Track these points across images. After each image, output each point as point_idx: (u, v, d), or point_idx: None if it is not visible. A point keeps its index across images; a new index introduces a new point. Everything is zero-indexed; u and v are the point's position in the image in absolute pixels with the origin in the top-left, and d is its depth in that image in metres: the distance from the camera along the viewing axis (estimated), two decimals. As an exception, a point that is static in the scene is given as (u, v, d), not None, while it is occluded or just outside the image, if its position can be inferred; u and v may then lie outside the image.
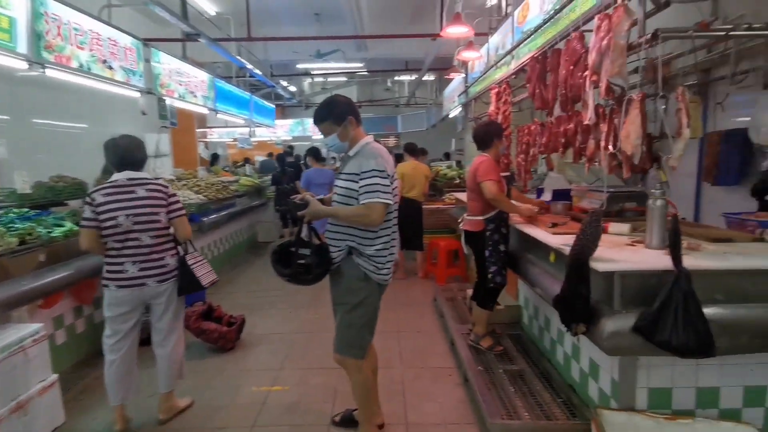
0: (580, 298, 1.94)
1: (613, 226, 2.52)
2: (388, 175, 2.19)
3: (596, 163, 2.44)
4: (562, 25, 2.89)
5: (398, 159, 7.57)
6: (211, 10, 7.67)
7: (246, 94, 8.37)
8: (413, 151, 5.83)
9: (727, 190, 3.58)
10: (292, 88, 12.15)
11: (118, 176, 2.46)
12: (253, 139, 12.68)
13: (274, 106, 10.53)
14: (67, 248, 3.25)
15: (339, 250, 2.25)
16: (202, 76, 6.26)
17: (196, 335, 3.64)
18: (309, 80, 14.67)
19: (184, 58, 5.94)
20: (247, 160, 12.06)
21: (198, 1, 7.24)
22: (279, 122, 13.27)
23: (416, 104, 14.52)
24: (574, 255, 1.95)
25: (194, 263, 2.64)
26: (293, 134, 13.66)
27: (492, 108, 4.37)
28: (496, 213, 3.12)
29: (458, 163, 9.64)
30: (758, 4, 2.88)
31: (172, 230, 2.60)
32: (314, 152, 5.78)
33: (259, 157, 12.89)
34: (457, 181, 7.44)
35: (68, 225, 3.33)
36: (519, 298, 3.78)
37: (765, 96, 3.00)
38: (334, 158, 9.85)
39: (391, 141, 14.82)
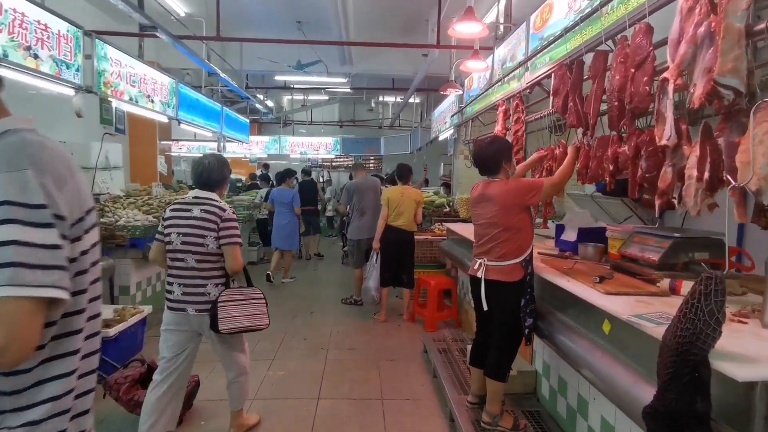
0: (695, 417, 1.21)
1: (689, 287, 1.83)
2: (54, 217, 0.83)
3: (673, 199, 1.75)
4: (609, 20, 2.25)
5: (391, 182, 6.92)
6: (181, 10, 6.92)
7: (216, 105, 7.56)
8: (402, 176, 5.13)
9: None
10: (270, 103, 11.40)
11: (190, 194, 2.44)
12: (227, 155, 11.83)
13: (248, 121, 9.74)
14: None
15: None
16: (162, 79, 5.45)
17: (129, 410, 2.69)
18: (288, 96, 13.98)
19: (140, 57, 5.13)
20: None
21: (167, 0, 6.50)
22: (254, 138, 12.46)
23: (400, 126, 13.99)
24: (682, 346, 1.22)
25: (231, 301, 2.38)
26: (269, 152, 12.84)
27: (498, 128, 3.72)
28: (531, 251, 2.44)
29: (446, 187, 9.02)
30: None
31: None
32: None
33: (233, 175, 12.01)
34: (447, 209, 6.76)
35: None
36: (534, 361, 3.04)
37: None
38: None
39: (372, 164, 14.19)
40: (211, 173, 2.41)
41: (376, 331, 4.63)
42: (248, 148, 12.45)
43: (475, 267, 2.58)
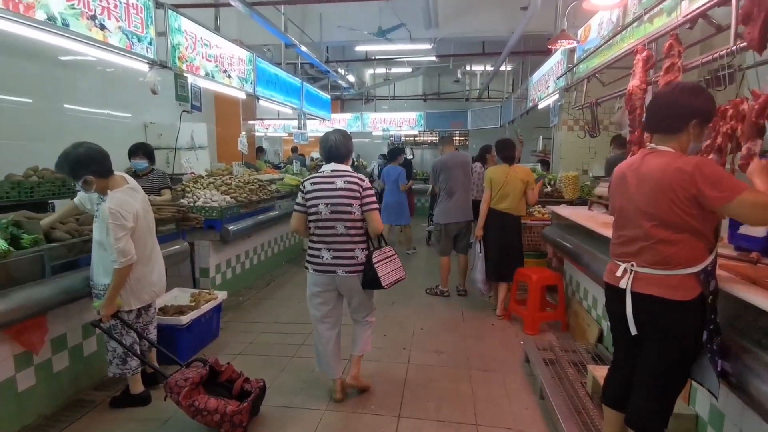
0: None
1: None
2: None
3: None
4: None
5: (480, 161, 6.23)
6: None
7: (296, 80, 7.29)
8: (501, 151, 4.41)
9: None
10: (351, 78, 10.98)
11: (325, 168, 2.65)
12: (309, 134, 11.75)
13: (329, 97, 9.43)
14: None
15: None
16: (239, 53, 5.21)
17: (190, 416, 2.41)
18: (370, 71, 13.50)
19: (217, 30, 4.90)
20: (294, 151, 11.12)
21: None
22: (336, 116, 12.23)
23: (489, 98, 12.86)
24: None
25: (381, 260, 2.65)
26: (351, 129, 12.53)
27: (635, 82, 2.81)
28: (714, 258, 1.65)
29: (544, 164, 7.98)
30: None
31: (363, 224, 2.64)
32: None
33: (315, 154, 11.92)
34: (547, 188, 5.83)
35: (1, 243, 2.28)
36: (694, 401, 2.23)
37: None
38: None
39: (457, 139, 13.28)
40: (339, 148, 2.64)
41: (466, 330, 4.03)
42: (330, 126, 12.26)
43: (617, 273, 1.83)
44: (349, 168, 2.67)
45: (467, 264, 5.00)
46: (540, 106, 6.64)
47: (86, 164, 2.35)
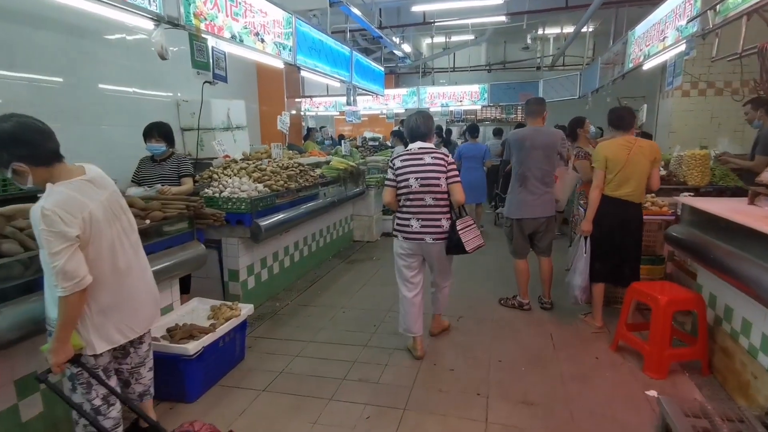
0: None
1: None
2: None
3: None
4: None
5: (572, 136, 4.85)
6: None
7: (345, 48, 6.37)
8: (618, 120, 3.28)
9: None
10: (407, 48, 9.87)
11: (412, 146, 2.98)
12: (361, 112, 10.86)
13: (382, 69, 8.43)
14: None
15: None
16: (275, 12, 4.35)
17: None
18: (428, 40, 12.27)
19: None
20: (341, 137, 10.30)
21: None
22: (390, 92, 11.22)
23: (564, 66, 11.25)
24: None
25: (463, 228, 2.90)
26: (407, 106, 11.48)
27: None
28: None
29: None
30: None
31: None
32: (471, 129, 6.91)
33: (369, 133, 11.04)
34: (662, 173, 4.53)
35: None
36: None
37: None
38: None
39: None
40: (419, 128, 2.96)
41: (561, 364, 3.00)
42: (384, 103, 11.29)
43: None
44: (432, 145, 2.98)
45: (551, 270, 3.92)
46: (646, 67, 5.24)
47: (12, 146, 1.60)
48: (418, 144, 2.95)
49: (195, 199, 2.90)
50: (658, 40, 4.73)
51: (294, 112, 6.14)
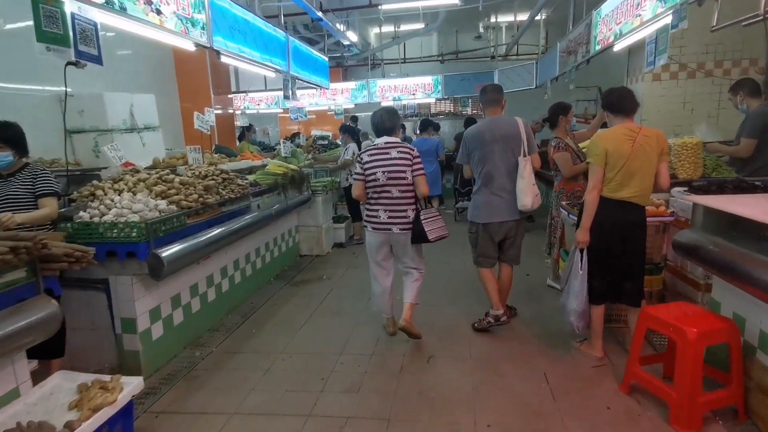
0: None
1: None
2: None
3: None
4: None
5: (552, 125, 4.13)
6: None
7: (279, 32, 5.44)
8: (619, 103, 2.61)
9: None
10: (353, 37, 9.01)
11: (378, 141, 3.08)
12: (307, 108, 9.89)
13: (326, 59, 7.53)
14: None
15: None
16: (176, -22, 3.38)
17: None
18: (376, 29, 11.47)
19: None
20: (295, 135, 9.36)
21: None
22: (338, 86, 10.34)
23: (518, 56, 10.82)
24: None
25: (427, 218, 3.00)
26: (356, 101, 10.62)
27: None
28: None
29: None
30: None
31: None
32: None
33: (317, 131, 10.09)
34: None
35: None
36: None
37: None
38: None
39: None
40: (385, 123, 3.08)
41: (563, 419, 2.30)
42: (332, 98, 10.39)
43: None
44: (399, 139, 3.09)
45: (512, 279, 3.34)
46: (618, 47, 4.70)
47: None
48: (385, 138, 3.04)
49: (30, 236, 1.92)
50: (632, 15, 4.18)
51: (222, 109, 5.17)
